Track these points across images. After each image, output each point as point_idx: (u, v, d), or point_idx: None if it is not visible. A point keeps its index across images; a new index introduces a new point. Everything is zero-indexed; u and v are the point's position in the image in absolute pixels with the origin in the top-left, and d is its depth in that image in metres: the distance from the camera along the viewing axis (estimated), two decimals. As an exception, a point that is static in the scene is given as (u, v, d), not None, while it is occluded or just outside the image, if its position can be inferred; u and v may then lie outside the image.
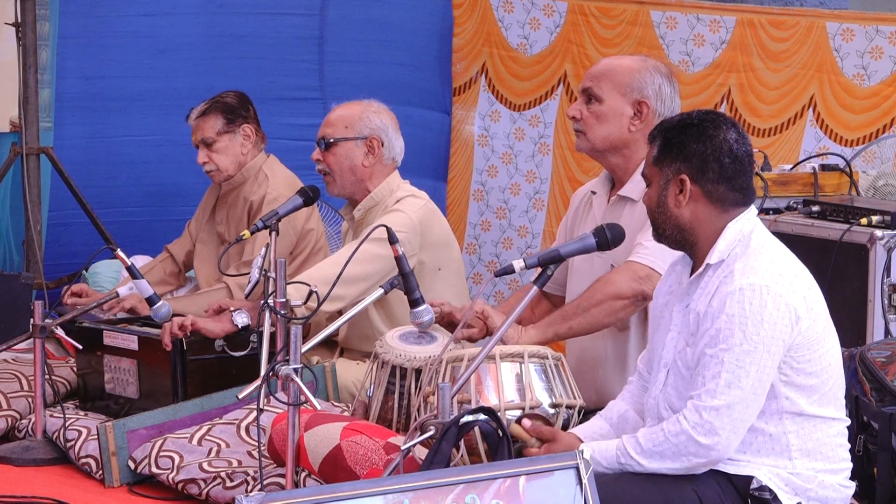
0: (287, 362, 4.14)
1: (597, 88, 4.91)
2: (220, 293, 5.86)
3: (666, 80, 4.91)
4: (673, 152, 4.02)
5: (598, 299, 4.76)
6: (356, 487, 3.44)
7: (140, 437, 4.95)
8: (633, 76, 4.89)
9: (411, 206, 5.47)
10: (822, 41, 6.66)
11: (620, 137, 4.87)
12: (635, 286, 4.73)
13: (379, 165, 5.61)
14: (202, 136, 6.11)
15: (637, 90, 4.88)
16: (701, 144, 4.00)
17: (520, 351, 4.47)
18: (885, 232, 5.20)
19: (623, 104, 4.89)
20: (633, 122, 4.87)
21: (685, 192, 4.00)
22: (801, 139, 6.76)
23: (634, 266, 4.74)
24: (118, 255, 5.20)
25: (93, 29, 7.42)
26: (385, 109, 5.68)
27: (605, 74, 4.92)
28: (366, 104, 5.67)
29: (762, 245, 3.99)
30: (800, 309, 3.89)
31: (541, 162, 7.79)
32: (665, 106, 4.89)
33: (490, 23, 7.95)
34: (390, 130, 5.63)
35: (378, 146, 5.58)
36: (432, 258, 5.47)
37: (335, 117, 5.64)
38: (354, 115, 5.62)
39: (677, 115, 4.14)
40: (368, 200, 5.60)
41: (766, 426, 3.93)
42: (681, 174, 4.00)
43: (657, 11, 7.24)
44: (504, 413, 4.28)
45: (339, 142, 5.58)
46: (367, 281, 5.25)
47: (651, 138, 4.09)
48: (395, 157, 5.65)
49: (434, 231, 5.50)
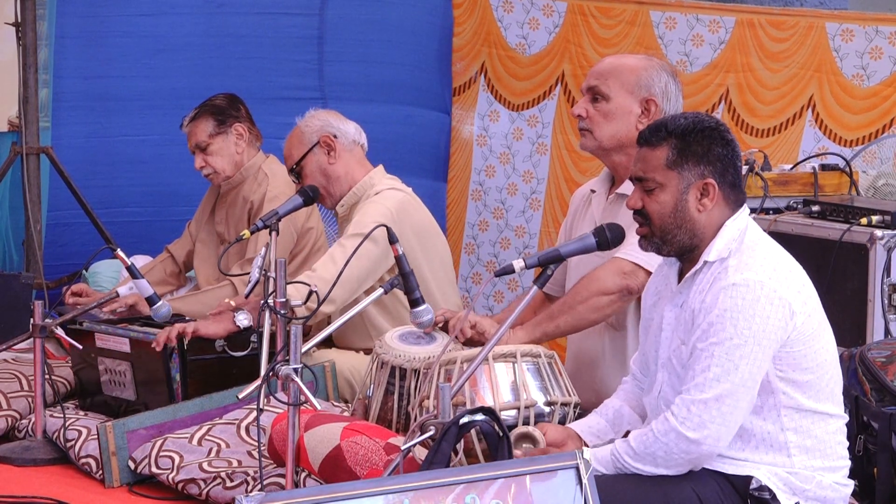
0: (287, 362, 4.14)
1: (604, 86, 4.89)
2: (225, 290, 5.86)
3: (671, 79, 4.90)
4: (696, 156, 3.97)
5: (583, 296, 4.77)
6: (356, 487, 3.44)
7: (140, 437, 4.95)
8: (640, 74, 4.87)
9: (388, 197, 5.50)
10: (821, 41, 6.66)
11: (628, 135, 4.85)
12: (620, 281, 4.73)
13: (345, 155, 5.64)
14: (196, 141, 6.14)
15: (645, 88, 4.86)
16: (723, 148, 3.98)
17: (512, 351, 4.47)
18: (885, 232, 5.20)
19: (631, 102, 4.87)
20: (640, 120, 4.85)
21: (712, 197, 3.97)
22: (800, 139, 6.76)
23: (619, 262, 4.75)
24: (118, 255, 5.20)
25: (92, 29, 7.43)
26: (318, 112, 5.76)
27: (612, 72, 4.90)
28: (301, 122, 5.75)
29: (756, 242, 3.99)
30: (794, 304, 3.88)
31: (538, 162, 7.79)
32: (671, 105, 4.88)
33: (489, 22, 7.95)
34: (332, 121, 5.69)
35: (332, 141, 5.63)
36: (412, 249, 5.44)
37: (287, 147, 5.73)
38: (298, 133, 5.69)
39: (679, 118, 4.05)
40: (350, 196, 5.62)
41: (764, 423, 3.93)
42: (706, 179, 3.97)
43: (656, 11, 7.24)
44: (500, 414, 4.28)
45: (303, 161, 5.63)
46: (357, 281, 5.29)
47: (655, 140, 4.02)
48: (354, 138, 5.70)
49: (412, 220, 5.49)
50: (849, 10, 7.66)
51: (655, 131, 4.03)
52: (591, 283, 4.78)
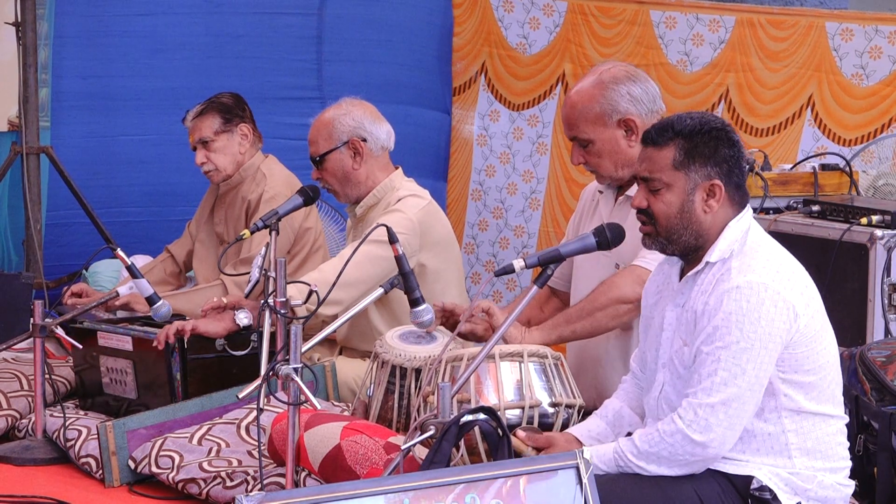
0: (287, 362, 4.14)
1: (581, 133, 4.87)
2: (215, 289, 5.86)
3: (631, 83, 4.86)
4: (704, 157, 3.95)
5: (602, 303, 4.77)
6: (356, 487, 3.43)
7: (140, 437, 4.95)
8: (599, 102, 4.83)
9: (412, 206, 5.46)
10: (821, 41, 6.66)
11: (627, 158, 4.84)
12: (639, 290, 4.70)
13: (371, 161, 5.59)
14: (200, 136, 6.11)
15: (612, 112, 4.83)
16: (730, 149, 3.96)
17: (519, 350, 4.47)
18: (885, 231, 5.20)
19: (611, 132, 4.85)
20: (628, 140, 4.85)
21: (718, 198, 3.96)
22: (800, 139, 6.76)
23: (638, 270, 4.74)
24: (118, 254, 5.20)
25: (91, 28, 7.43)
26: (356, 104, 5.65)
27: (578, 117, 4.86)
28: (335, 108, 5.64)
29: (759, 243, 3.98)
30: (798, 306, 3.88)
31: (538, 161, 7.79)
32: (645, 105, 4.85)
33: (490, 22, 7.95)
34: (367, 123, 5.59)
35: (361, 145, 5.57)
36: (432, 259, 5.46)
37: (314, 132, 5.63)
38: (329, 125, 5.59)
39: (686, 118, 4.00)
40: (370, 198, 5.59)
41: (766, 425, 3.93)
42: (713, 180, 3.95)
43: (657, 11, 7.25)
44: (504, 413, 4.28)
45: (326, 155, 5.58)
46: (365, 284, 5.23)
47: (661, 140, 3.99)
48: (384, 144, 5.61)
49: (434, 232, 5.48)
50: (848, 10, 7.66)
51: (662, 131, 3.99)
52: (610, 291, 4.77)
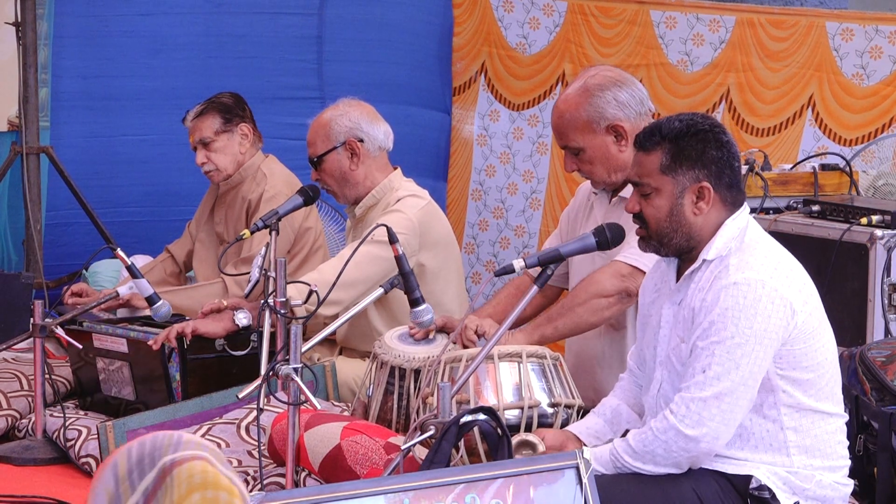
0: (287, 362, 4.14)
1: (571, 142, 4.88)
2: (215, 287, 5.86)
3: (616, 88, 4.85)
4: (690, 160, 3.94)
5: (581, 299, 4.78)
6: (356, 487, 3.44)
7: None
8: (586, 110, 4.83)
9: (411, 207, 5.46)
10: (821, 41, 6.66)
11: (619, 163, 4.85)
12: (618, 284, 4.74)
13: (368, 161, 5.59)
14: (200, 136, 6.12)
15: (600, 119, 4.83)
16: (718, 151, 3.95)
17: (518, 351, 4.47)
18: (885, 231, 5.20)
19: (600, 139, 4.85)
20: (619, 145, 4.85)
21: (708, 200, 3.96)
22: (800, 139, 6.76)
23: (617, 264, 4.75)
24: (118, 254, 5.20)
25: (91, 28, 7.43)
26: (353, 105, 5.66)
27: (566, 126, 4.87)
28: (332, 109, 5.65)
29: (756, 241, 3.98)
30: (795, 303, 3.88)
31: (538, 161, 7.79)
32: (633, 109, 4.84)
33: (490, 22, 7.95)
34: (364, 124, 5.60)
35: (358, 146, 5.57)
36: (431, 259, 5.46)
37: (312, 134, 5.64)
38: (326, 126, 5.60)
39: (674, 120, 4.01)
40: (370, 198, 5.60)
41: (764, 421, 3.93)
42: (701, 182, 3.95)
43: (657, 11, 7.24)
44: (503, 413, 4.28)
45: (324, 156, 5.58)
46: (365, 284, 5.24)
47: (649, 145, 3.99)
48: (381, 145, 5.61)
49: (434, 232, 5.49)
50: (849, 10, 7.66)
51: (650, 136, 4.00)
52: (589, 286, 4.79)
